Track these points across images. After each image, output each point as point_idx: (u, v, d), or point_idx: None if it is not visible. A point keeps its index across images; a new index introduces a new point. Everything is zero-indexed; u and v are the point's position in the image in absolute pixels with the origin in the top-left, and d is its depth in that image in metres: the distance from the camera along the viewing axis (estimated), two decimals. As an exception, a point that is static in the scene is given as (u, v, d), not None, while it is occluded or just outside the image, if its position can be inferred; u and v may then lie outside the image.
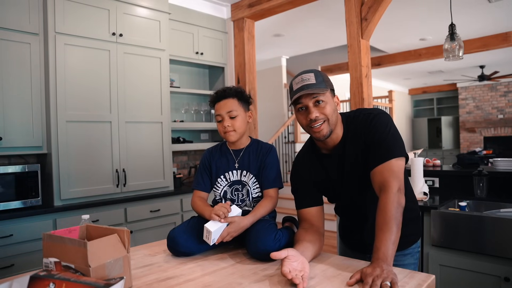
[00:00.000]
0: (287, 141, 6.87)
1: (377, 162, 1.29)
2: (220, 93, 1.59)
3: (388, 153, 1.28)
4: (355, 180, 1.40)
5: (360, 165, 1.37)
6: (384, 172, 1.27)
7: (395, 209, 1.20)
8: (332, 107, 1.33)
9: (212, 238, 1.37)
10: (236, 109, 1.57)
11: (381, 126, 1.33)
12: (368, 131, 1.34)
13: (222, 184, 1.62)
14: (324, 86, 1.31)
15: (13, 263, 2.39)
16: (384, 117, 1.36)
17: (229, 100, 1.57)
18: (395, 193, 1.22)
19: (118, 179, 3.01)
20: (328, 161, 1.43)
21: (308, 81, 1.31)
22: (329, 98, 1.33)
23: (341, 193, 1.46)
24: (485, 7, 4.46)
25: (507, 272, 1.88)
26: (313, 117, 1.31)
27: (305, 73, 1.33)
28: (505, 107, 9.78)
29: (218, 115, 1.58)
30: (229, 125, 1.55)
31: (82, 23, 2.82)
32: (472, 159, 2.97)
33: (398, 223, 1.19)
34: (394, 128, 1.35)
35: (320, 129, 1.32)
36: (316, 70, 1.35)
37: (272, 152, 1.61)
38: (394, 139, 1.32)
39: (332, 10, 4.39)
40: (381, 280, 1.04)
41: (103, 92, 2.94)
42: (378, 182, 1.27)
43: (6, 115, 2.54)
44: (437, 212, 2.13)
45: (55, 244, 1.07)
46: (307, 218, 1.44)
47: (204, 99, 4.15)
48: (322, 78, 1.32)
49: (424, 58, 6.52)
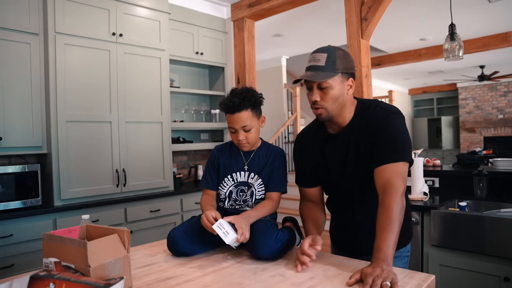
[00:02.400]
0: (287, 141, 6.87)
1: (385, 161, 1.27)
2: (233, 106, 1.49)
3: (398, 155, 1.27)
4: (356, 171, 1.38)
5: (364, 156, 1.34)
6: (391, 172, 1.25)
7: (399, 211, 1.19)
8: (337, 92, 1.31)
9: (225, 230, 1.33)
10: (251, 122, 1.51)
11: (397, 126, 1.31)
12: (382, 127, 1.31)
13: (229, 183, 1.61)
14: (333, 70, 1.29)
15: (13, 263, 2.39)
16: (401, 118, 1.34)
17: (243, 113, 1.49)
18: (400, 195, 1.22)
19: (118, 179, 3.01)
20: (332, 142, 1.42)
21: (318, 62, 1.29)
22: (336, 83, 1.30)
23: (340, 183, 1.44)
24: (485, 7, 4.46)
25: (507, 272, 1.87)
26: (313, 100, 1.32)
27: (319, 52, 1.31)
28: (505, 107, 9.78)
29: (231, 128, 1.53)
30: (243, 138, 1.53)
31: (82, 23, 2.82)
32: (472, 159, 2.97)
33: (400, 225, 1.18)
34: (406, 131, 1.34)
35: (318, 112, 1.34)
36: (331, 49, 1.31)
37: (281, 156, 1.61)
38: (406, 143, 1.30)
39: (332, 10, 4.39)
40: (381, 280, 1.04)
41: (103, 92, 2.94)
42: (383, 181, 1.25)
43: (6, 115, 2.54)
44: (437, 212, 2.13)
45: (55, 244, 1.07)
46: (305, 195, 1.55)
47: (204, 99, 4.15)
48: (334, 59, 1.29)
49: (424, 58, 6.52)
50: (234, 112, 1.50)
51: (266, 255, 1.34)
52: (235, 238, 1.33)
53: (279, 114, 7.11)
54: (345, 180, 1.42)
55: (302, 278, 1.17)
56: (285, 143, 6.81)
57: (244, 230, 1.35)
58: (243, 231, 1.34)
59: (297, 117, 6.88)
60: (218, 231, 1.33)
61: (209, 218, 1.37)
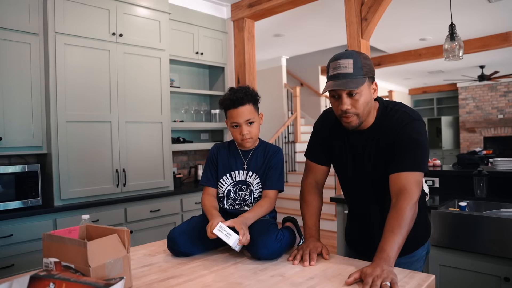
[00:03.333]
0: (287, 141, 6.87)
1: (403, 168, 1.26)
2: (237, 100, 1.49)
3: (416, 165, 1.26)
4: (373, 171, 1.37)
5: (382, 159, 1.34)
6: (408, 179, 1.24)
7: (411, 217, 1.19)
8: (367, 98, 1.30)
9: (227, 232, 1.33)
10: (253, 115, 1.52)
11: (416, 134, 1.30)
12: (402, 134, 1.30)
13: (227, 182, 1.61)
14: (362, 75, 1.26)
15: (13, 263, 2.39)
16: (422, 125, 1.33)
17: (247, 107, 1.50)
18: (414, 203, 1.22)
19: (118, 179, 3.01)
20: (352, 141, 1.41)
21: (345, 69, 1.25)
22: (365, 88, 1.28)
23: (356, 181, 1.44)
24: (485, 7, 4.46)
25: (507, 272, 1.87)
26: (344, 109, 1.29)
27: (344, 58, 1.27)
28: (505, 107, 9.78)
29: (235, 123, 1.52)
30: (247, 132, 1.52)
31: (82, 23, 2.82)
32: (472, 159, 2.97)
33: (408, 231, 1.18)
34: (427, 140, 1.32)
35: (350, 120, 1.31)
36: (355, 55, 1.28)
37: (279, 154, 1.61)
38: (425, 153, 1.30)
39: (332, 10, 4.39)
40: (381, 280, 1.04)
41: (103, 92, 2.94)
42: (399, 186, 1.25)
43: (6, 115, 2.54)
44: (437, 212, 2.13)
45: (55, 244, 1.07)
46: (311, 170, 1.54)
47: (204, 99, 4.15)
48: (360, 64, 1.27)
49: (424, 58, 6.52)
50: (238, 105, 1.50)
51: (266, 255, 1.34)
52: (238, 240, 1.33)
53: (279, 114, 7.11)
54: (362, 179, 1.42)
55: (302, 278, 1.17)
56: (285, 143, 6.81)
57: (245, 231, 1.35)
58: (244, 231, 1.34)
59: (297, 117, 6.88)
60: (219, 235, 1.32)
61: (213, 228, 1.35)
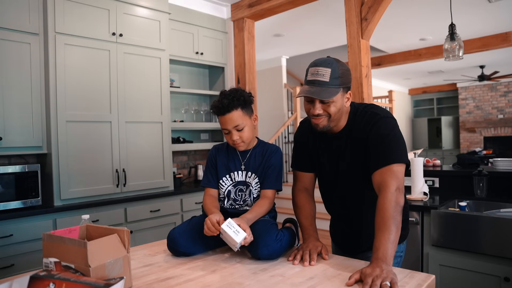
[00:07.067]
0: (287, 141, 6.87)
1: (378, 166, 1.29)
2: (223, 107, 1.48)
3: (388, 158, 1.29)
4: (349, 171, 1.41)
5: (357, 160, 1.38)
6: (383, 174, 1.27)
7: (392, 208, 1.20)
8: (339, 105, 1.34)
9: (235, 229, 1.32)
10: (242, 120, 1.50)
11: (385, 129, 1.33)
12: (371, 132, 1.34)
13: (227, 183, 1.62)
14: (337, 85, 1.30)
15: (13, 263, 2.39)
16: (389, 121, 1.35)
17: (233, 113, 1.48)
18: (392, 192, 1.22)
19: (118, 179, 3.01)
20: (326, 145, 1.47)
21: (322, 78, 1.29)
22: (338, 98, 1.32)
23: (333, 184, 1.48)
24: (485, 7, 4.46)
25: (507, 272, 1.87)
26: (316, 113, 1.34)
27: (323, 66, 1.30)
28: (505, 107, 9.77)
29: (224, 129, 1.53)
30: (237, 138, 1.52)
31: (82, 23, 2.82)
32: (472, 159, 2.97)
33: (396, 223, 1.19)
34: (398, 133, 1.34)
35: (319, 121, 1.35)
36: (335, 65, 1.31)
37: (277, 154, 1.61)
38: (396, 145, 1.31)
39: (332, 10, 4.39)
40: (380, 280, 1.04)
41: (103, 92, 2.94)
42: (377, 183, 1.28)
43: (6, 115, 2.54)
44: (437, 212, 2.13)
45: (55, 244, 1.07)
46: (300, 178, 1.58)
47: (204, 99, 4.15)
48: (337, 74, 1.30)
49: (424, 58, 6.52)
50: (224, 113, 1.49)
51: (266, 255, 1.34)
52: (244, 237, 1.32)
53: (279, 114, 7.11)
54: (338, 180, 1.45)
55: (302, 278, 1.17)
56: (285, 143, 6.81)
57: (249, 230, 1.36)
58: (249, 231, 1.35)
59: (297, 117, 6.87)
60: (227, 230, 1.31)
61: (213, 222, 1.35)
